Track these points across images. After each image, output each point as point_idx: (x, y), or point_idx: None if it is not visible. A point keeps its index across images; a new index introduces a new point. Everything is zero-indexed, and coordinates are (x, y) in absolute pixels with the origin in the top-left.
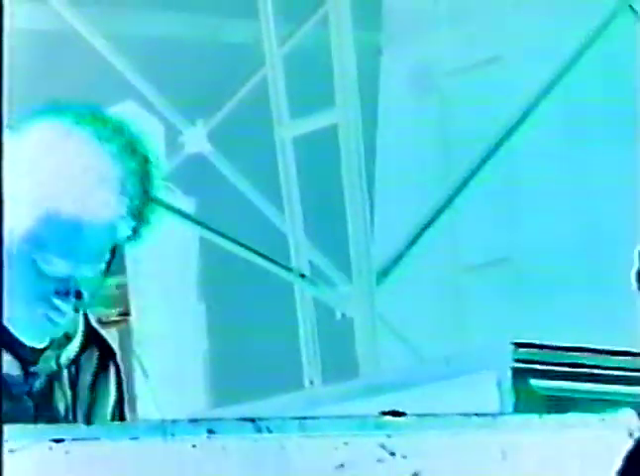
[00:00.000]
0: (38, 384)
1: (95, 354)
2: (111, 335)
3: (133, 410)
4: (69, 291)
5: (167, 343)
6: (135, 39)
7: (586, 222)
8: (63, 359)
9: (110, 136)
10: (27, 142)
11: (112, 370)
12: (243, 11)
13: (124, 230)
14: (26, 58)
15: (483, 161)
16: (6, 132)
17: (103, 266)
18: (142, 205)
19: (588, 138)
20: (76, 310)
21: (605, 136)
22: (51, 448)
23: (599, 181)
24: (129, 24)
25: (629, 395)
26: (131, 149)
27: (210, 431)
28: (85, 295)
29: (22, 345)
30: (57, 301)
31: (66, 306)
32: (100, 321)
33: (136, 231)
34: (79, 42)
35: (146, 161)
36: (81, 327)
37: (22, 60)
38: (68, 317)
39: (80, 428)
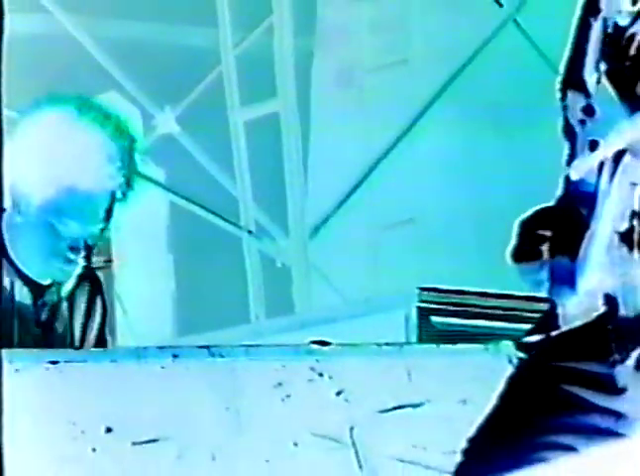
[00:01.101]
0: (44, 315)
1: (87, 288)
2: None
3: (114, 338)
4: (81, 246)
5: (142, 285)
6: (117, 41)
7: (476, 194)
8: (63, 292)
9: (104, 121)
10: (38, 128)
11: (99, 300)
12: (205, 20)
13: (118, 195)
14: (21, 54)
15: (396, 141)
16: (14, 118)
17: (105, 224)
18: (130, 175)
19: (481, 125)
20: (87, 260)
21: (497, 126)
22: (47, 369)
23: (490, 164)
24: (112, 29)
25: (509, 329)
26: (120, 131)
27: (175, 356)
28: (93, 247)
29: (30, 280)
30: (72, 255)
31: (78, 258)
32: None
33: (125, 195)
34: (70, 42)
35: (132, 140)
36: (80, 267)
37: (18, 59)
38: (77, 265)
39: (71, 353)
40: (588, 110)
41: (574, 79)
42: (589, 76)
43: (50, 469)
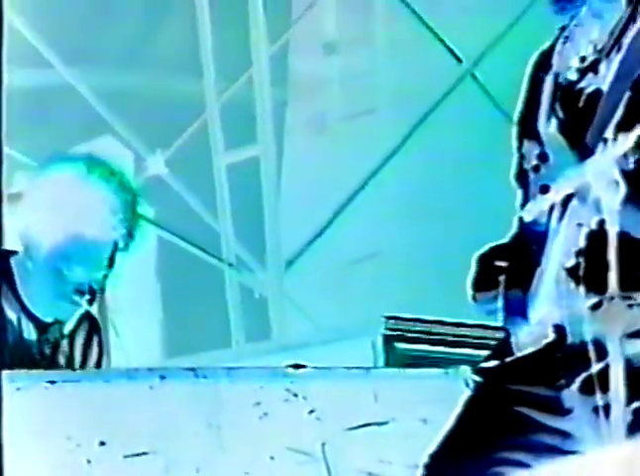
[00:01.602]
0: (47, 350)
1: (86, 327)
2: (94, 306)
3: (108, 359)
4: (85, 290)
5: (133, 312)
6: (113, 91)
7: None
8: (65, 330)
9: (110, 177)
10: (52, 184)
11: (96, 339)
12: (192, 72)
13: (121, 245)
14: (28, 103)
15: (363, 183)
16: (30, 173)
17: (107, 271)
18: (131, 226)
19: (442, 169)
20: (90, 303)
21: (456, 171)
22: (47, 388)
23: (449, 205)
24: (109, 80)
25: (467, 355)
26: (124, 186)
27: (162, 377)
28: (97, 290)
29: (35, 318)
30: (77, 298)
31: (82, 301)
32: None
33: (127, 245)
34: (71, 92)
35: (134, 194)
36: (83, 308)
37: (25, 107)
38: (81, 306)
39: (68, 373)
40: (542, 157)
41: (528, 129)
42: (543, 126)
43: None
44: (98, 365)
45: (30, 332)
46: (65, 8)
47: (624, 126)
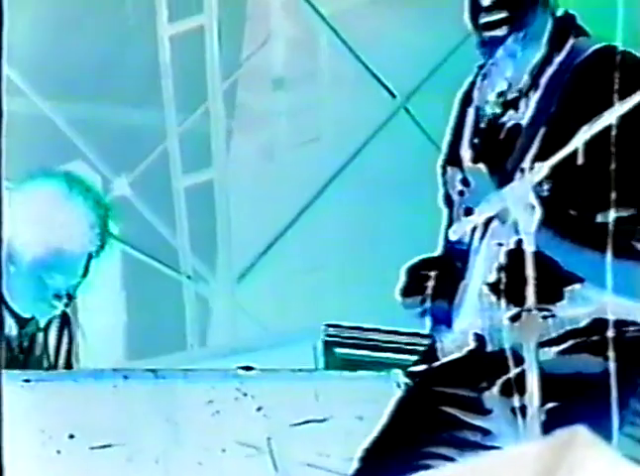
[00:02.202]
0: (25, 342)
1: (58, 321)
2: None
3: (77, 360)
4: (63, 295)
5: (100, 318)
6: (84, 120)
7: (372, 247)
8: (41, 325)
9: (87, 194)
10: (34, 198)
11: (66, 332)
12: (155, 105)
13: (94, 255)
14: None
15: (307, 204)
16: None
17: (82, 278)
18: (104, 238)
19: (378, 190)
20: (66, 306)
21: (391, 191)
22: (22, 386)
23: (384, 223)
24: (80, 110)
25: (398, 360)
26: (98, 202)
27: (125, 377)
28: (74, 295)
29: (16, 314)
30: (55, 302)
31: (60, 304)
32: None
33: (98, 254)
34: (45, 121)
35: (107, 209)
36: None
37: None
38: (60, 308)
39: (41, 373)
40: (465, 182)
41: (453, 157)
42: (465, 154)
43: (22, 468)
44: (69, 354)
45: (11, 328)
46: (39, 44)
47: (540, 157)
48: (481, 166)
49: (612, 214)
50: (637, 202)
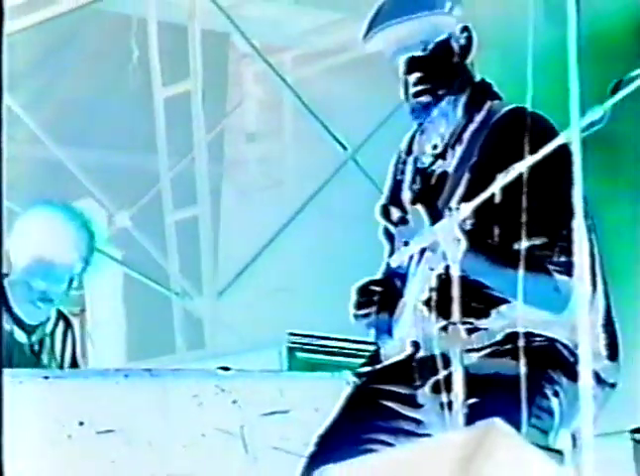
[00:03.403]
0: (36, 346)
1: (62, 327)
2: (74, 322)
3: (86, 363)
4: (46, 298)
5: (105, 327)
6: (92, 164)
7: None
8: (47, 330)
9: (75, 220)
10: (30, 221)
11: (70, 334)
12: (150, 150)
13: (78, 270)
14: (24, 171)
15: (276, 235)
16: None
17: (66, 286)
18: (88, 257)
19: (335, 226)
20: (52, 306)
21: (345, 228)
22: (41, 382)
23: (338, 253)
24: (89, 155)
25: (348, 362)
26: (85, 227)
27: (126, 375)
28: (55, 300)
29: (23, 323)
30: (40, 304)
31: (45, 306)
32: (71, 313)
33: (84, 269)
34: (59, 164)
35: (92, 233)
36: (55, 314)
37: (21, 175)
38: (46, 311)
39: (58, 371)
40: (403, 220)
41: (394, 199)
42: (405, 197)
43: (39, 450)
44: (73, 355)
45: (20, 336)
46: (54, 99)
47: (464, 198)
48: (419, 206)
49: (525, 243)
50: (547, 233)
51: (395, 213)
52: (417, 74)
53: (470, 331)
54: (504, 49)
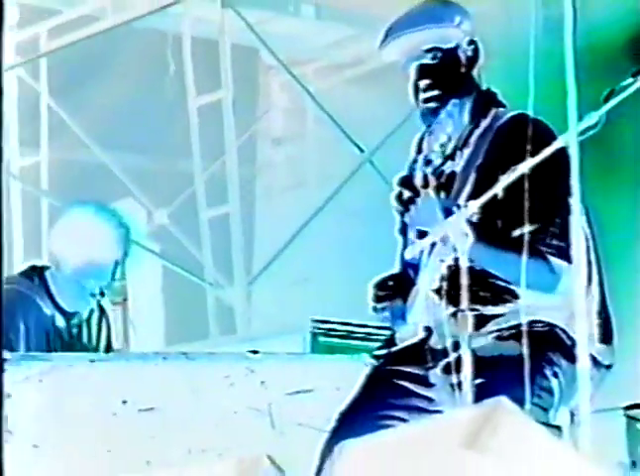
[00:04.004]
0: (74, 330)
1: (97, 314)
2: (117, 312)
3: (128, 346)
4: (96, 293)
5: (145, 315)
6: (134, 166)
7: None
8: (84, 317)
9: (112, 217)
10: (72, 222)
11: (105, 321)
12: (185, 154)
13: (119, 262)
14: (72, 174)
15: (298, 231)
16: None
17: (110, 280)
18: (126, 250)
19: (353, 223)
20: (99, 301)
21: (365, 225)
22: (89, 365)
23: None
24: (130, 158)
25: (366, 346)
26: (121, 223)
27: (164, 358)
28: (105, 294)
29: (63, 310)
30: (90, 299)
31: (94, 300)
32: (113, 303)
33: (123, 262)
34: (103, 167)
35: (128, 229)
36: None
37: (69, 177)
38: (92, 303)
39: (103, 355)
40: (412, 200)
41: (406, 184)
42: (417, 183)
43: (88, 425)
44: (108, 338)
45: (60, 321)
46: (99, 109)
47: (471, 196)
48: (430, 190)
49: (523, 229)
50: (540, 219)
51: (406, 194)
52: (426, 81)
53: (477, 318)
54: (508, 60)
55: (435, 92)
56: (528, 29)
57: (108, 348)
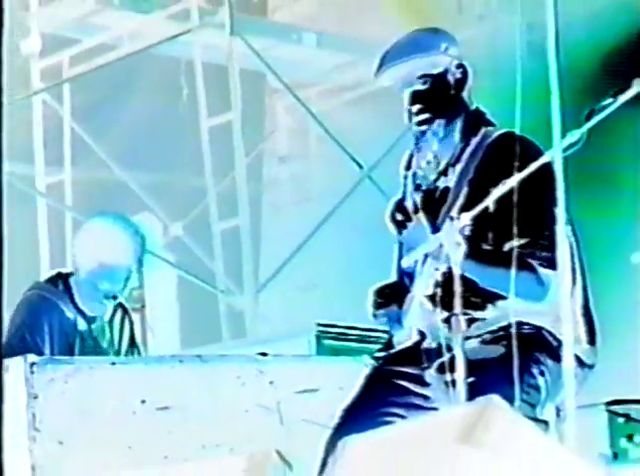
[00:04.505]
0: (95, 333)
1: (120, 314)
2: (136, 317)
3: (146, 350)
4: (110, 296)
5: (162, 321)
6: (150, 183)
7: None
8: (105, 319)
9: (128, 227)
10: (91, 231)
11: (127, 321)
12: (197, 171)
13: (134, 270)
14: (94, 191)
15: (303, 243)
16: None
17: (124, 284)
18: (141, 258)
19: (354, 236)
20: (115, 301)
21: (366, 238)
22: (109, 367)
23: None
24: (146, 176)
25: (367, 348)
26: (137, 233)
27: (180, 361)
28: (118, 297)
29: (84, 314)
30: (106, 301)
31: (109, 303)
32: (132, 310)
33: (138, 269)
34: (121, 183)
35: (143, 238)
36: (114, 306)
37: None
38: (108, 306)
39: (123, 358)
40: (404, 224)
41: (399, 208)
42: (408, 205)
43: (110, 423)
44: (132, 340)
45: (82, 324)
46: (117, 131)
47: (464, 209)
48: (421, 214)
49: (513, 242)
50: (530, 233)
51: (399, 217)
52: (418, 106)
53: (469, 321)
54: (495, 81)
55: (426, 116)
56: (514, 52)
57: (132, 344)
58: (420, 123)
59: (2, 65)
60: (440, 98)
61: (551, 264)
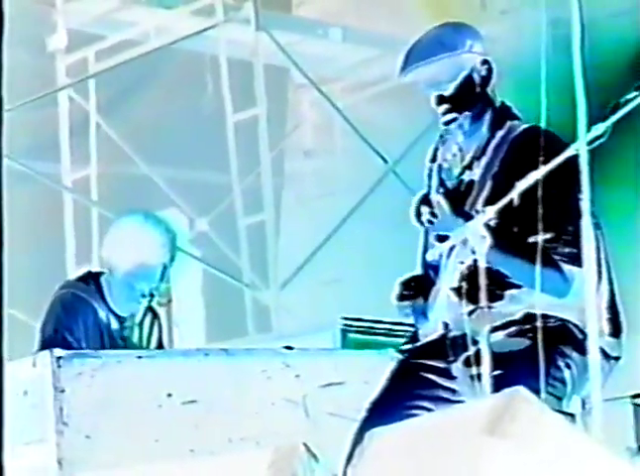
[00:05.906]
0: (126, 333)
1: (150, 317)
2: (162, 311)
3: (173, 344)
4: (147, 294)
5: (188, 315)
6: (176, 179)
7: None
8: (136, 320)
9: (159, 224)
10: (123, 229)
11: (157, 324)
12: (223, 168)
13: (167, 266)
14: (112, 189)
15: (329, 236)
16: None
17: (159, 282)
18: (173, 254)
19: (379, 229)
20: (149, 302)
21: (391, 231)
22: (136, 361)
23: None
24: (173, 172)
25: (392, 342)
26: (168, 229)
27: (206, 354)
28: (155, 295)
29: (116, 314)
30: (142, 300)
31: (145, 301)
32: (159, 304)
33: (170, 265)
34: (148, 179)
35: (174, 234)
36: (144, 307)
37: (111, 194)
38: (142, 307)
39: (150, 352)
40: (433, 215)
41: (425, 200)
42: (434, 197)
43: (137, 417)
44: (160, 341)
45: (114, 324)
46: (145, 128)
47: (488, 202)
48: (445, 208)
49: (538, 237)
50: (554, 228)
51: (426, 211)
52: (445, 106)
53: (494, 314)
54: (521, 76)
55: (453, 115)
56: (538, 48)
57: (159, 347)
58: (447, 123)
59: (2, 66)
60: (466, 97)
61: (574, 259)
